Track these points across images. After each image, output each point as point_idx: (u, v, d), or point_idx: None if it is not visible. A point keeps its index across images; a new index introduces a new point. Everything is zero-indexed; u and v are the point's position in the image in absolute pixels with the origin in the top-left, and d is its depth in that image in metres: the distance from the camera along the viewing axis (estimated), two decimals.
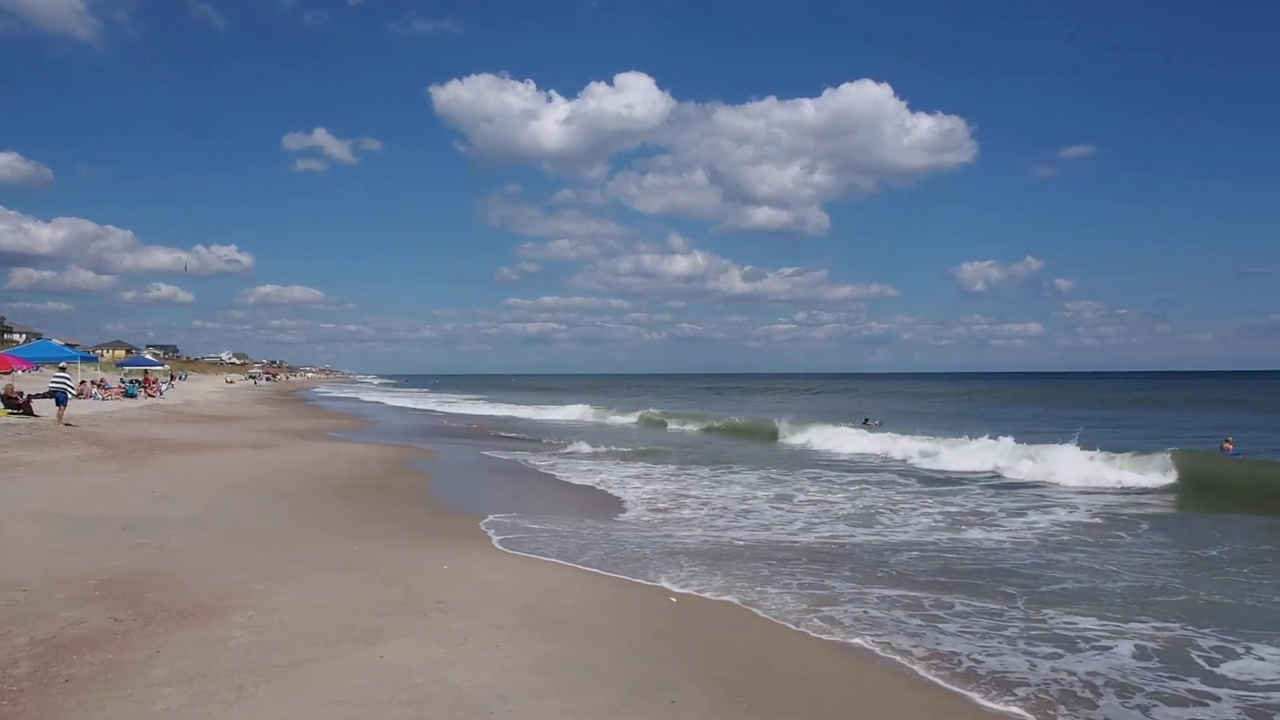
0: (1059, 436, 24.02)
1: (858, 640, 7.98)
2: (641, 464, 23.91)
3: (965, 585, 10.12)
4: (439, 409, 58.99)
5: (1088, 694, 6.74)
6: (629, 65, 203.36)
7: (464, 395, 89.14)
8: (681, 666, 6.94)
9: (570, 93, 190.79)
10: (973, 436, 26.48)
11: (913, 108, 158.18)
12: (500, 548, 11.71)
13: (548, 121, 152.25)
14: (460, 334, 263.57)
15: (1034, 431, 30.81)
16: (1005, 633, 8.23)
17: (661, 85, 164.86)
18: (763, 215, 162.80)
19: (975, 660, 7.45)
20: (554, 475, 21.18)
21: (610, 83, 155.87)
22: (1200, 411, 45.89)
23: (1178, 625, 8.50)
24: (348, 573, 9.38)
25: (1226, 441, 25.90)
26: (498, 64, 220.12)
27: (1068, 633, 8.26)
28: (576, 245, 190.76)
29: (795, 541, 12.85)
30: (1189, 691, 6.83)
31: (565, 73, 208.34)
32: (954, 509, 16.22)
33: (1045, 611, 8.97)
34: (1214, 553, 12.16)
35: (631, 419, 44.18)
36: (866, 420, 41.52)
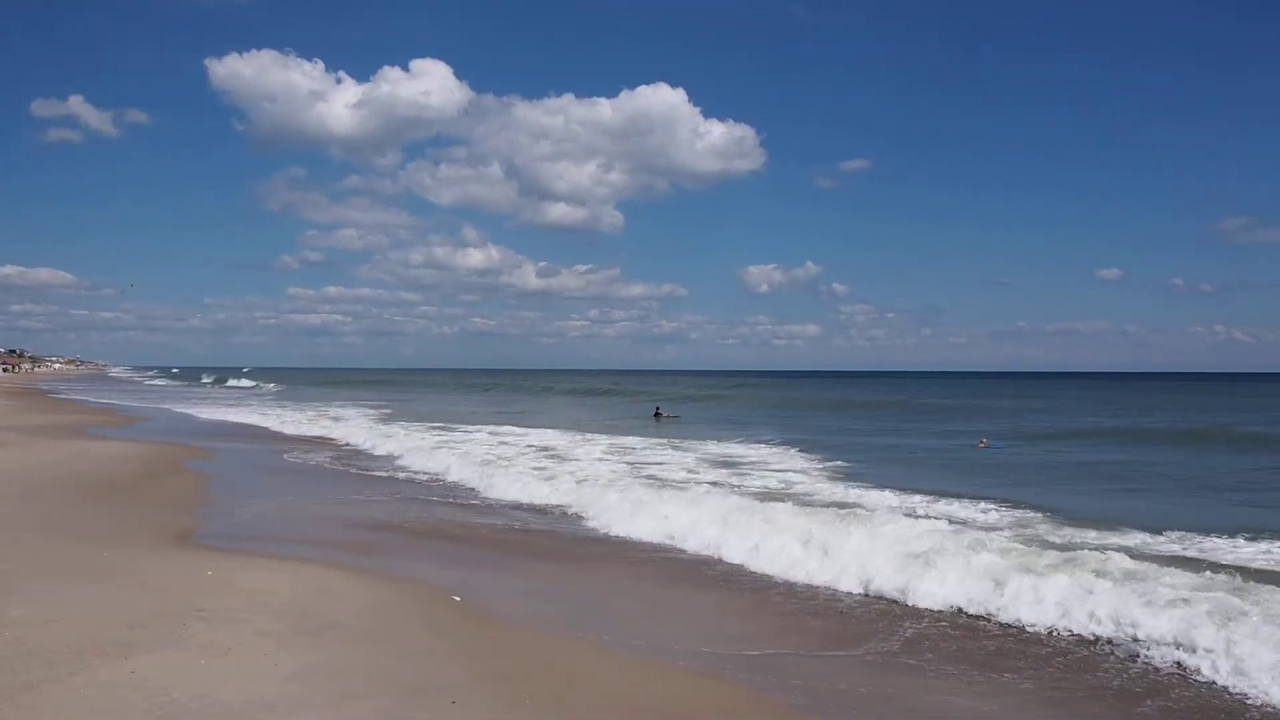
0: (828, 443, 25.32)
1: (637, 638, 8.30)
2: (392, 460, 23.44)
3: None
4: (190, 410, 54.66)
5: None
6: (425, 51, 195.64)
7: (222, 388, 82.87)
8: (461, 665, 6.95)
9: (362, 76, 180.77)
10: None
11: (706, 114, 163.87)
12: (266, 549, 11.11)
13: (336, 104, 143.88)
14: (234, 324, 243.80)
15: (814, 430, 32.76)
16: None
17: (460, 75, 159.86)
18: (559, 211, 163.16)
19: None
20: (315, 468, 20.36)
21: (405, 68, 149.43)
22: (957, 414, 50.15)
23: None
24: (95, 582, 8.62)
25: (981, 440, 28.90)
26: (283, 40, 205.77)
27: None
28: (364, 234, 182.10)
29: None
30: None
31: (357, 54, 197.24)
32: None
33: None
34: None
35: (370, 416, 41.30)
36: (657, 411, 42.79)
